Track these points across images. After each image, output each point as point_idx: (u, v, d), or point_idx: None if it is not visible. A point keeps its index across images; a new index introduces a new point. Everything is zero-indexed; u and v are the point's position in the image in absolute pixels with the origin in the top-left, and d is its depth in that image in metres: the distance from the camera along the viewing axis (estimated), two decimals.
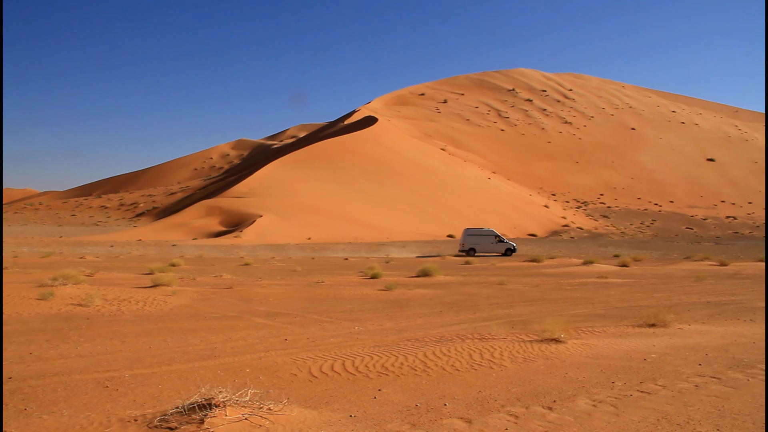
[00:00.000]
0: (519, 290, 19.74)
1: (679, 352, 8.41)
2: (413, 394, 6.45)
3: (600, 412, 5.60)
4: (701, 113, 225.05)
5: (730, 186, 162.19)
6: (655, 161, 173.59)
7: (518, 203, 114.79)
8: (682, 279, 24.48)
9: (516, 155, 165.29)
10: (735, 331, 10.53)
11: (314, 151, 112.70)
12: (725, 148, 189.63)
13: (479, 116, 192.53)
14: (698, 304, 15.31)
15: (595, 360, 7.99)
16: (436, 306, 15.44)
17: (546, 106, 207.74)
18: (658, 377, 6.93)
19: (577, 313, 13.70)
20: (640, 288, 20.63)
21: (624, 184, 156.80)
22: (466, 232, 49.39)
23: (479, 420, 5.46)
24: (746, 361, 7.74)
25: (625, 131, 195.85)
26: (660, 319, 11.09)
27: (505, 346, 8.87)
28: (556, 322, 9.37)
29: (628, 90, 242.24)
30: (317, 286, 20.26)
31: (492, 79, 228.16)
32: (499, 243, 48.42)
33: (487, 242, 48.20)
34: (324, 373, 7.55)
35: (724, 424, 5.22)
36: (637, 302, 16.12)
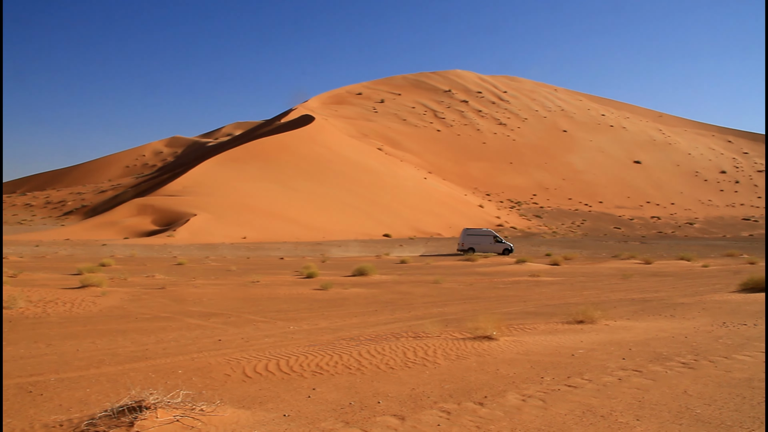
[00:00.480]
0: (453, 289, 20.01)
1: (605, 348, 8.70)
2: (347, 393, 6.48)
3: (529, 407, 5.75)
4: (629, 117, 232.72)
5: (655, 187, 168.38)
6: (586, 163, 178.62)
7: (454, 203, 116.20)
8: (609, 277, 25.26)
9: (452, 155, 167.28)
10: (657, 326, 10.94)
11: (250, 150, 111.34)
12: (650, 151, 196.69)
13: (416, 116, 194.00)
14: (624, 301, 15.82)
15: (525, 356, 8.18)
16: (371, 305, 15.51)
17: (481, 108, 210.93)
18: (585, 372, 7.15)
19: (509, 311, 13.99)
20: (570, 286, 21.20)
21: (556, 184, 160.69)
22: (465, 231, 51.02)
23: (412, 417, 5.54)
24: (665, 355, 8.07)
25: (557, 133, 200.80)
26: (588, 316, 11.43)
27: (439, 344, 8.99)
28: (488, 320, 9.54)
29: (561, 93, 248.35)
30: (252, 286, 20.06)
31: (428, 79, 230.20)
32: (497, 243, 49.49)
33: (487, 242, 49.39)
34: (258, 373, 7.50)
35: (643, 414, 5.44)
36: (567, 300, 16.56)
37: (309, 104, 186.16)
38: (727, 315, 12.27)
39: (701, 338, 9.43)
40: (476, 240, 49.67)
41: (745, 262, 36.84)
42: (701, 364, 7.46)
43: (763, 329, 10.29)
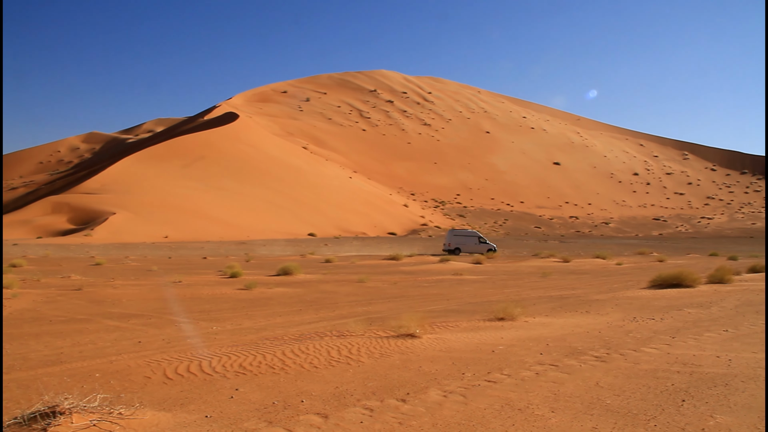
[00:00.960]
0: (378, 288, 20.15)
1: (524, 343, 8.97)
2: (271, 392, 6.47)
3: (450, 402, 5.89)
4: (548, 120, 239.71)
5: (573, 188, 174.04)
6: (508, 164, 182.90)
7: (379, 202, 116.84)
8: (530, 275, 25.97)
9: (377, 155, 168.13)
10: (573, 322, 11.35)
11: (172, 147, 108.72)
12: (569, 153, 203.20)
13: (341, 116, 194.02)
14: (543, 298, 16.31)
15: (447, 353, 8.35)
16: (295, 304, 15.45)
17: (406, 108, 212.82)
18: (504, 367, 7.37)
19: (432, 309, 14.20)
20: (492, 284, 21.68)
21: (479, 185, 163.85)
22: (452, 232, 52.28)
23: (335, 415, 5.59)
24: (580, 349, 8.41)
25: (481, 134, 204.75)
26: (508, 313, 11.74)
27: (363, 342, 9.06)
28: (412, 318, 9.67)
29: (484, 95, 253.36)
30: (174, 286, 19.65)
31: (354, 79, 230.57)
32: (481, 244, 50.73)
33: (472, 243, 50.67)
34: (180, 375, 7.38)
35: (558, 406, 5.67)
36: (488, 297, 16.93)
37: (233, 102, 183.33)
38: (637, 310, 12.84)
39: (613, 333, 9.85)
40: (462, 240, 51.02)
41: (655, 260, 38.55)
42: (612, 357, 7.81)
43: (670, 323, 10.85)
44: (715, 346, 8.56)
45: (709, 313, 12.23)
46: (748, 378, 6.62)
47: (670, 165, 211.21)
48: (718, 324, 10.63)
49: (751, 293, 16.08)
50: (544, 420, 5.28)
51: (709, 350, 8.24)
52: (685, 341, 8.95)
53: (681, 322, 10.91)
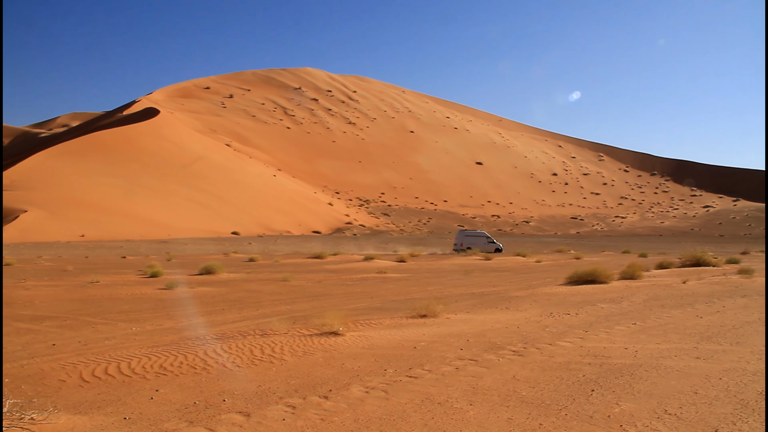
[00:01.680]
0: (302, 286, 20.09)
1: (445, 340, 9.18)
2: (192, 392, 6.41)
3: (372, 398, 6.00)
4: (471, 120, 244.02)
5: (495, 188, 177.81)
6: (431, 163, 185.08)
7: (303, 201, 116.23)
8: (452, 273, 26.43)
9: (301, 153, 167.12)
10: (493, 318, 11.67)
11: (89, 142, 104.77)
12: (491, 153, 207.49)
13: (265, 113, 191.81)
14: (464, 296, 16.66)
15: (370, 350, 8.46)
16: (218, 304, 15.26)
17: (331, 106, 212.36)
18: (425, 363, 7.53)
19: (356, 307, 14.30)
20: (416, 282, 21.96)
21: (403, 183, 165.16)
22: (463, 233, 54.90)
23: (257, 413, 5.60)
24: (499, 344, 8.68)
25: (405, 134, 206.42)
26: (430, 310, 11.96)
27: (286, 341, 9.07)
28: (335, 316, 9.74)
29: (408, 95, 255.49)
30: (91, 287, 19.02)
31: (279, 76, 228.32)
32: (489, 243, 52.49)
33: (481, 242, 52.39)
34: (97, 377, 7.20)
35: (476, 399, 5.87)
36: (411, 295, 17.15)
37: (154, 97, 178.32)
38: (554, 306, 13.31)
39: (531, 328, 10.20)
40: (473, 240, 52.85)
41: (572, 257, 39.92)
42: (529, 351, 8.10)
43: (584, 317, 11.31)
44: (624, 338, 9.01)
45: (620, 307, 12.81)
46: (651, 367, 7.02)
47: (586, 166, 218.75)
48: (628, 318, 11.16)
49: (659, 288, 16.91)
50: (462, 413, 5.45)
51: (618, 342, 8.66)
52: (597, 334, 9.37)
53: (594, 317, 11.39)
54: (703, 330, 9.61)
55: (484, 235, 54.06)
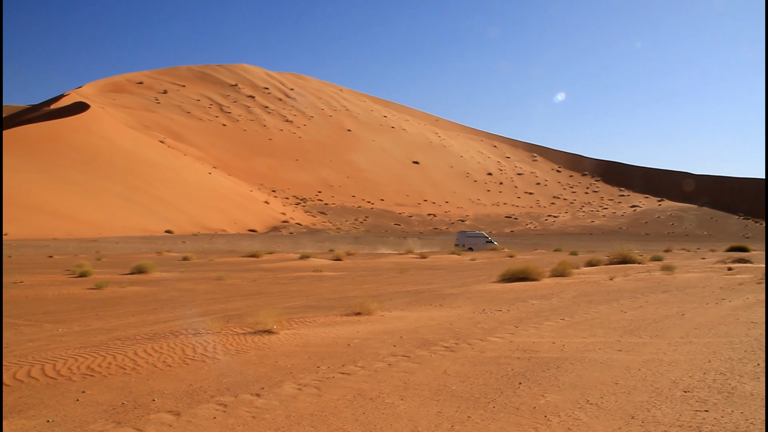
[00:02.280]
0: (237, 285, 19.89)
1: (379, 336, 9.27)
2: (121, 393, 6.29)
3: (304, 395, 6.02)
4: (408, 119, 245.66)
5: (432, 187, 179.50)
6: (368, 162, 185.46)
7: (239, 199, 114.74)
8: (388, 271, 26.59)
9: (237, 151, 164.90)
10: (427, 315, 11.84)
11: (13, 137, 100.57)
12: (427, 152, 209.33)
13: (200, 110, 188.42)
14: (400, 293, 16.80)
15: (304, 348, 8.47)
16: (150, 303, 14.95)
17: (268, 104, 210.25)
18: (359, 359, 7.60)
19: (291, 305, 14.25)
20: (351, 280, 22.01)
21: (340, 182, 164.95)
22: (464, 234, 58.86)
23: (188, 412, 5.55)
24: (432, 340, 8.82)
25: (342, 132, 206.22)
26: (365, 308, 12.03)
27: (219, 339, 8.99)
28: (269, 315, 9.71)
29: (345, 93, 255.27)
30: (14, 287, 18.33)
31: (214, 72, 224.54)
32: (488, 243, 55.85)
33: (481, 243, 55.82)
34: (19, 381, 6.97)
35: (407, 394, 5.97)
36: (347, 293, 17.19)
37: (83, 91, 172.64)
38: (486, 303, 13.60)
39: (463, 324, 10.40)
40: (474, 241, 56.33)
41: (506, 255, 40.72)
42: (461, 347, 8.27)
43: (515, 313, 11.60)
44: (552, 333, 9.30)
45: (550, 303, 13.19)
46: (577, 360, 7.28)
47: (520, 166, 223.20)
48: (557, 313, 11.51)
49: (587, 285, 17.48)
50: (393, 407, 5.54)
51: (547, 337, 8.93)
52: (527, 330, 9.63)
53: (525, 313, 11.69)
54: (626, 324, 10.00)
55: (483, 236, 57.79)
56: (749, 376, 6.37)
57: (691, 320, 10.27)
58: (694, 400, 5.49)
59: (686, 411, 5.20)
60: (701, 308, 11.82)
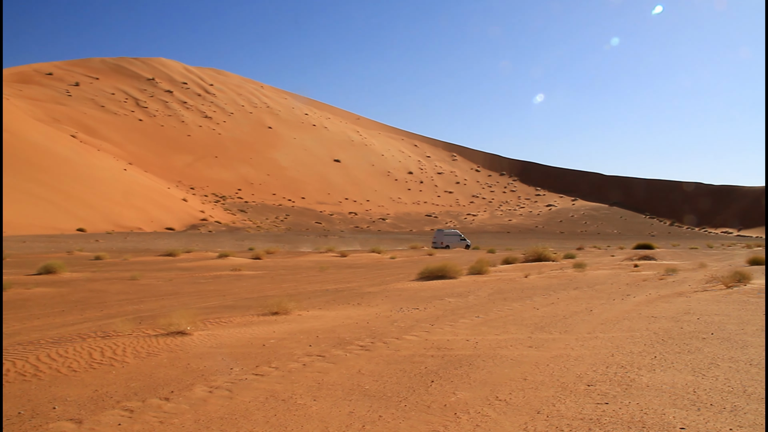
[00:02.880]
0: (152, 285, 19.36)
1: (295, 336, 9.21)
2: (19, 402, 5.99)
3: (215, 397, 5.91)
4: (330, 118, 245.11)
5: (353, 185, 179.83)
6: (289, 159, 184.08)
7: (155, 196, 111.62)
8: (308, 269, 26.45)
9: (154, 147, 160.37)
10: (344, 314, 11.85)
11: None
12: (349, 150, 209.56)
13: (115, 104, 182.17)
14: (318, 292, 16.76)
15: (218, 349, 8.32)
16: (57, 305, 14.35)
17: (186, 99, 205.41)
18: (273, 360, 7.52)
19: (207, 306, 13.98)
20: (270, 279, 21.79)
21: (261, 180, 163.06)
22: (442, 232, 63.22)
23: (91, 419, 5.35)
24: (348, 339, 8.84)
25: (263, 129, 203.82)
26: (282, 308, 11.94)
27: (129, 342, 8.71)
28: (183, 315, 9.49)
29: (266, 90, 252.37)
30: None
31: (130, 65, 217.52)
32: (461, 240, 59.95)
33: (456, 240, 59.93)
34: None
35: (320, 394, 5.95)
36: (265, 293, 17.01)
37: None
38: (404, 301, 13.73)
39: (380, 323, 10.46)
40: (450, 239, 60.23)
41: (425, 253, 41.23)
42: (376, 346, 8.31)
43: (432, 312, 11.76)
44: (467, 331, 9.47)
45: (466, 301, 13.44)
46: (489, 357, 7.45)
47: (440, 165, 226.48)
48: (472, 311, 11.73)
49: (503, 282, 17.91)
50: (305, 408, 5.51)
51: (461, 335, 9.09)
52: (442, 328, 9.78)
53: (441, 311, 11.87)
54: (537, 321, 10.30)
55: (458, 234, 62.13)
56: (647, 368, 6.68)
57: (598, 316, 10.67)
58: (596, 394, 5.71)
59: (588, 404, 5.40)
60: (608, 304, 12.30)
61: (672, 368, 6.64)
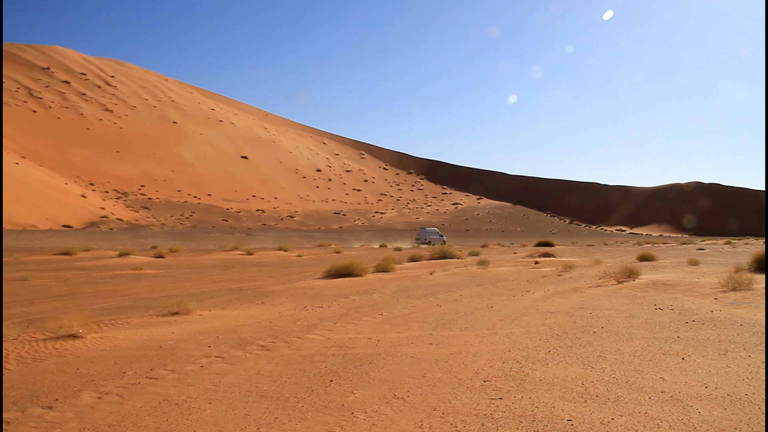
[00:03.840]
0: (44, 285, 18.42)
1: (195, 337, 8.97)
2: None
3: (104, 403, 5.66)
4: (237, 114, 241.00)
5: (260, 182, 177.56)
6: (195, 155, 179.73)
7: (51, 192, 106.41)
8: (212, 268, 25.89)
9: (50, 140, 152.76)
10: (247, 313, 11.66)
11: None
12: (257, 147, 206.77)
13: (6, 93, 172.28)
14: (222, 291, 16.43)
15: (111, 352, 8.00)
16: None
17: (85, 91, 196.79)
18: (169, 362, 7.29)
19: (104, 307, 13.43)
20: (173, 278, 21.19)
21: (165, 176, 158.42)
22: (424, 230, 67.32)
23: None
24: (249, 339, 8.69)
25: (167, 124, 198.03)
26: (183, 308, 11.63)
27: (14, 347, 8.25)
28: (76, 317, 9.07)
29: (171, 84, 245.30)
30: None
31: (22, 53, 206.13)
32: (440, 237, 63.39)
33: (435, 237, 63.26)
34: None
35: (216, 397, 5.81)
36: (167, 292, 16.52)
37: None
38: (309, 300, 13.66)
39: (283, 322, 10.36)
40: (432, 237, 63.16)
41: (332, 251, 41.17)
42: (277, 346, 8.21)
43: (336, 310, 11.74)
44: (369, 329, 9.51)
45: (371, 299, 13.51)
46: (389, 355, 7.50)
47: (349, 163, 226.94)
48: (376, 309, 11.80)
49: (408, 280, 18.12)
50: (199, 412, 5.36)
51: (363, 333, 9.12)
52: (345, 326, 9.78)
53: (345, 309, 11.87)
54: (439, 317, 10.46)
55: (437, 232, 66.42)
56: (540, 362, 6.90)
57: (498, 312, 10.95)
58: (491, 389, 5.85)
59: (483, 400, 5.52)
60: (508, 300, 12.64)
61: (564, 362, 6.89)
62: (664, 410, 5.08)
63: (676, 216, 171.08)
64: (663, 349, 7.41)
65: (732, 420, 4.82)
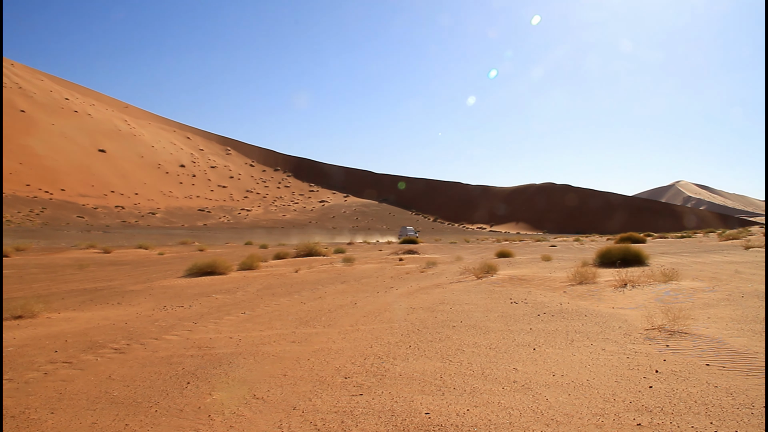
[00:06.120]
0: None
1: (40, 342, 8.38)
2: None
3: None
4: (94, 104, 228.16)
5: (120, 177, 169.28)
6: (47, 147, 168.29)
7: None
8: (65, 267, 24.38)
9: None
10: (101, 315, 11.05)
11: None
12: (116, 140, 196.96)
13: None
14: (75, 292, 15.49)
15: None
16: None
17: None
18: (8, 371, 6.75)
19: None
20: (19, 279, 19.73)
21: (12, 169, 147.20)
22: (406, 228, 78.31)
23: None
24: (101, 342, 8.23)
25: (14, 113, 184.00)
26: (28, 310, 10.84)
27: None
28: None
29: (19, 69, 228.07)
30: None
31: None
32: (414, 233, 72.66)
33: (412, 232, 73.26)
34: None
35: (60, 406, 5.43)
36: (11, 294, 15.34)
37: None
38: (169, 299, 13.15)
39: (140, 323, 9.90)
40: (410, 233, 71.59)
41: (196, 249, 39.97)
42: (132, 348, 7.83)
43: (197, 309, 11.38)
44: (231, 328, 9.29)
45: (234, 297, 13.23)
46: (250, 354, 7.36)
47: (214, 159, 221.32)
48: (239, 307, 11.56)
49: (273, 278, 17.93)
50: (39, 423, 4.99)
51: (224, 332, 8.89)
52: (206, 326, 9.50)
53: (207, 308, 11.54)
54: (303, 315, 10.41)
55: (413, 230, 77.38)
56: (401, 358, 7.02)
57: (361, 309, 11.05)
58: (352, 386, 5.87)
59: (344, 397, 5.53)
60: (372, 297, 12.80)
61: (424, 356, 7.04)
62: (515, 399, 5.32)
63: (532, 214, 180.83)
64: (516, 341, 7.76)
65: (575, 404, 5.12)
